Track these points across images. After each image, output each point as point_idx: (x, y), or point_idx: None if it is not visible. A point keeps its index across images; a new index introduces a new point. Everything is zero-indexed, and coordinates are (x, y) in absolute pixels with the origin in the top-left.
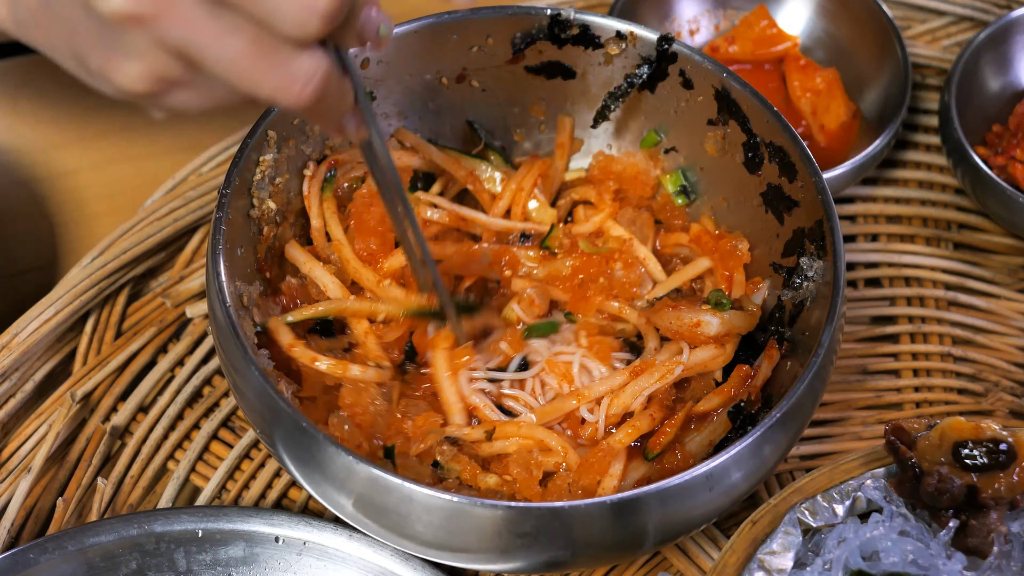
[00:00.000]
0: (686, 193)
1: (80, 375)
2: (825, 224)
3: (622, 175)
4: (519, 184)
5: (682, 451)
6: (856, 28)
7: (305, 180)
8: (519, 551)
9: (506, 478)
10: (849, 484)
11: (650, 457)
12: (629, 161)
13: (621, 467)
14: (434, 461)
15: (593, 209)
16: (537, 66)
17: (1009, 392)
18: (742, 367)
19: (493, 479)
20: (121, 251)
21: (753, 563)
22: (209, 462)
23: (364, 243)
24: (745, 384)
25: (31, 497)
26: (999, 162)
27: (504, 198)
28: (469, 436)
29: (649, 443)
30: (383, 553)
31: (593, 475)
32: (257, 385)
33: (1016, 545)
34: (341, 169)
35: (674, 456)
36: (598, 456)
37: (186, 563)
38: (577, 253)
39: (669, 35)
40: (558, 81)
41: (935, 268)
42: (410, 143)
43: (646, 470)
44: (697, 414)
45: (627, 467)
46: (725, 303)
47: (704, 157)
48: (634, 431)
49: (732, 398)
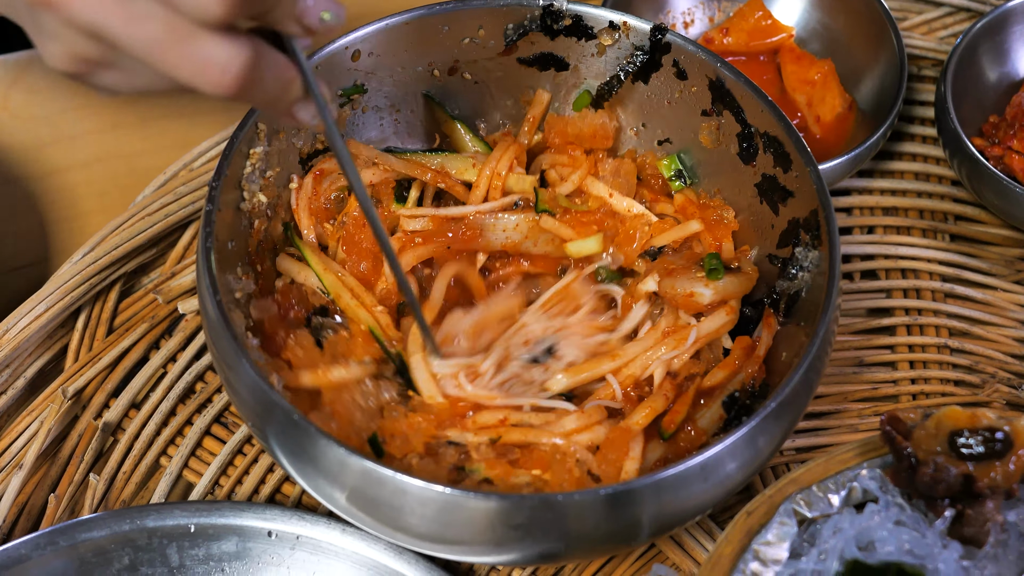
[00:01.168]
0: (683, 178)
1: (72, 371)
2: (820, 213)
3: (581, 135)
4: (494, 170)
5: (695, 427)
6: (852, 19)
7: (292, 193)
8: (513, 543)
9: (535, 473)
10: (845, 474)
11: (666, 437)
12: (585, 120)
13: (640, 449)
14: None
15: (569, 168)
16: (530, 58)
17: (1006, 383)
18: (744, 338)
19: (525, 476)
20: (112, 247)
21: (748, 554)
22: (202, 458)
23: (355, 266)
24: (749, 355)
25: (23, 493)
26: (996, 153)
27: (480, 186)
28: (473, 442)
29: (663, 422)
30: (376, 547)
31: (614, 459)
32: (248, 379)
33: (1012, 534)
34: (326, 179)
35: (688, 434)
36: (617, 440)
37: (179, 558)
38: (561, 212)
39: (663, 25)
40: (551, 72)
41: (932, 260)
42: (364, 156)
43: (663, 450)
44: (705, 389)
45: (645, 449)
46: (719, 269)
47: (698, 148)
48: (651, 412)
49: (738, 370)
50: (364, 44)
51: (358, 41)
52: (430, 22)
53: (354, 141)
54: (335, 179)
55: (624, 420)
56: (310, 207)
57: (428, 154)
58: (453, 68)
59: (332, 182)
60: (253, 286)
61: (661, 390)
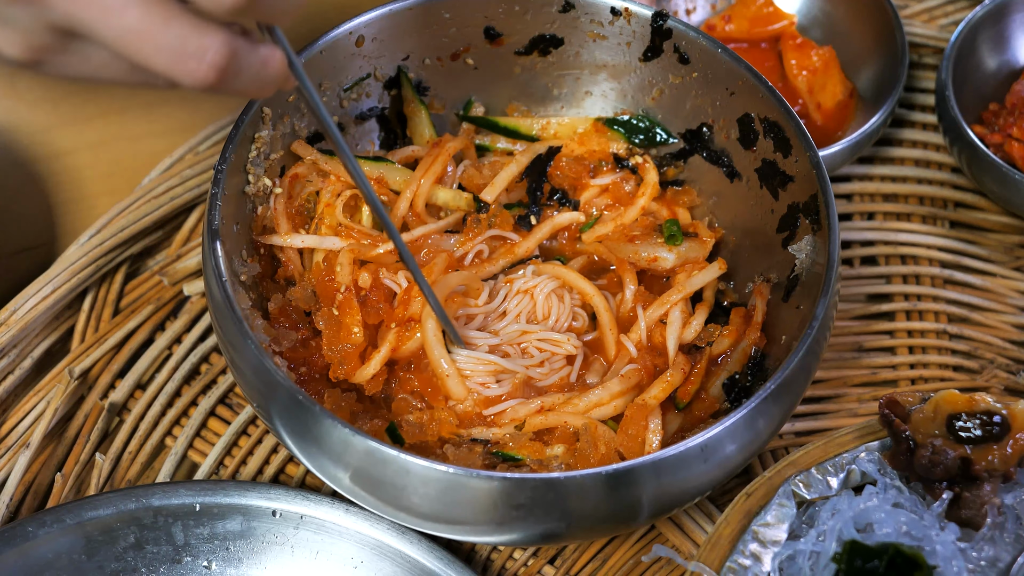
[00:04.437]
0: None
1: (78, 352)
2: (820, 198)
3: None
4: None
5: (707, 396)
6: (853, 6)
7: (272, 198)
8: (515, 523)
9: (566, 446)
10: (843, 457)
11: (681, 407)
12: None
13: (660, 422)
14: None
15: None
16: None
17: (1004, 369)
18: (739, 309)
19: (560, 448)
20: (118, 229)
21: (747, 535)
22: (207, 438)
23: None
24: (748, 322)
25: (30, 472)
26: (995, 140)
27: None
28: (496, 436)
29: (679, 393)
30: (379, 527)
31: (634, 434)
32: (253, 359)
33: (1009, 517)
34: (299, 183)
35: (702, 403)
36: (635, 415)
37: (184, 537)
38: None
39: (664, 11)
40: (551, 57)
41: (931, 246)
42: (308, 157)
43: (680, 421)
44: (713, 358)
45: (664, 420)
46: (678, 235)
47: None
48: (668, 386)
49: (740, 337)
50: (367, 29)
51: (362, 26)
52: (432, 9)
53: (302, 143)
54: (304, 184)
55: (641, 395)
56: (287, 211)
57: (372, 162)
58: (455, 54)
59: (301, 187)
60: (258, 268)
61: (677, 364)
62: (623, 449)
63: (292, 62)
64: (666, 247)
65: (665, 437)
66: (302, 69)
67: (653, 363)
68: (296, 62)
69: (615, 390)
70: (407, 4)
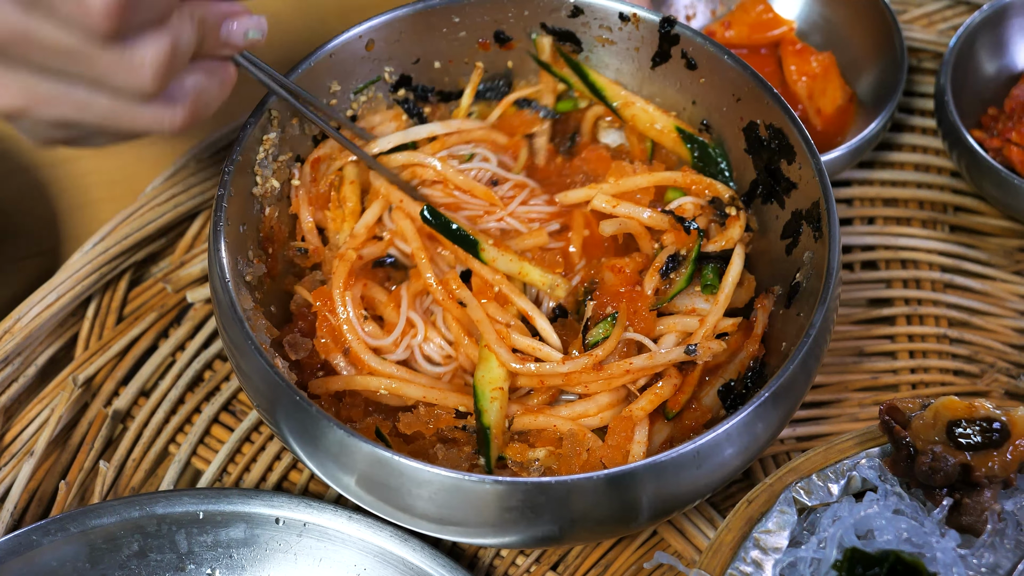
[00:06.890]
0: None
1: (82, 360)
2: (822, 204)
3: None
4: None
5: (699, 406)
6: (852, 12)
7: (292, 189)
8: (511, 525)
9: (549, 450)
10: (844, 463)
11: (671, 416)
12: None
13: (646, 432)
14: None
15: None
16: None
17: (1005, 373)
18: (740, 319)
19: (542, 452)
20: (122, 237)
21: (748, 541)
22: (210, 445)
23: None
24: (747, 333)
25: (34, 480)
26: (995, 145)
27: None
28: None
29: (669, 403)
30: (382, 534)
31: (617, 445)
32: (257, 363)
33: (1009, 523)
34: (325, 162)
35: (693, 412)
36: (620, 427)
37: (187, 544)
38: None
39: (672, 17)
40: None
41: (931, 250)
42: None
43: (669, 430)
44: (708, 368)
45: (651, 431)
46: (714, 284)
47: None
48: (656, 398)
49: (739, 349)
50: (377, 33)
51: (372, 30)
52: (440, 13)
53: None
54: (330, 163)
55: (628, 407)
56: (309, 196)
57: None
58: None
59: (328, 166)
60: (264, 270)
61: (669, 377)
62: (605, 459)
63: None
64: (703, 297)
65: (651, 448)
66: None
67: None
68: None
69: (603, 402)
70: (417, 8)
